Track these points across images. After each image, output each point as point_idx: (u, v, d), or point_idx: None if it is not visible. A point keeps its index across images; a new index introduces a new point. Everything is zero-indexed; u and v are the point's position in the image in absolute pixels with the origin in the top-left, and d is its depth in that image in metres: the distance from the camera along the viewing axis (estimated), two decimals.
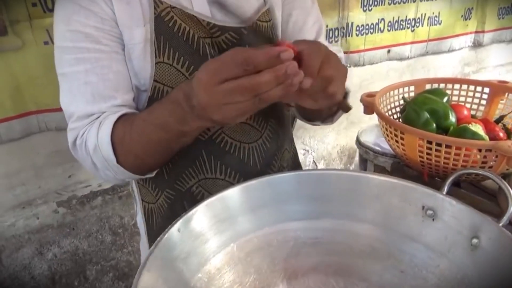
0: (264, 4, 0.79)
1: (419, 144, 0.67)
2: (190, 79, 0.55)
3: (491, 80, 0.86)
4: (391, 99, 0.86)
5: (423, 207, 0.57)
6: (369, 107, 0.76)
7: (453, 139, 0.62)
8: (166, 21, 0.69)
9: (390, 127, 0.71)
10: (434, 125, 0.72)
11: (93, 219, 1.44)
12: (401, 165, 0.80)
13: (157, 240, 0.48)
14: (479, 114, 0.87)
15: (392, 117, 0.83)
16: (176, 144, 0.65)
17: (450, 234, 0.54)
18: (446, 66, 2.34)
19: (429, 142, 0.66)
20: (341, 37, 1.76)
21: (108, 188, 1.43)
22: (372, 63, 1.94)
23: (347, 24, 1.76)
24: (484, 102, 0.86)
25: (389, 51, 1.96)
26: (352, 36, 1.79)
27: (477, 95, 0.87)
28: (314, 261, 0.60)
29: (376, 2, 1.81)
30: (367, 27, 1.84)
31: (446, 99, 0.81)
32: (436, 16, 2.06)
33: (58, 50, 0.70)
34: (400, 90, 0.86)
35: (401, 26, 1.95)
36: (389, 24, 1.90)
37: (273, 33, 0.81)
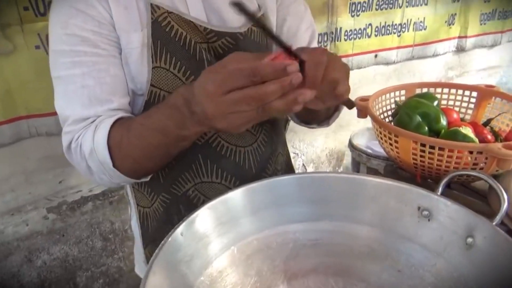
0: (259, 10, 0.81)
1: (412, 146, 0.69)
2: (189, 84, 0.56)
3: (479, 84, 0.88)
4: (383, 103, 0.87)
5: (419, 208, 0.58)
6: (363, 111, 0.77)
7: (446, 142, 0.64)
8: (163, 26, 0.70)
9: (384, 130, 0.73)
10: (426, 128, 0.74)
11: (84, 225, 1.42)
12: (394, 167, 0.81)
13: (161, 243, 0.48)
14: (467, 117, 0.90)
15: (384, 121, 0.85)
16: (174, 148, 0.65)
17: (446, 234, 0.56)
18: (431, 70, 2.39)
19: (422, 145, 0.67)
20: (330, 41, 1.79)
21: (98, 193, 1.42)
22: (360, 68, 1.97)
23: (336, 29, 1.79)
24: (472, 105, 0.89)
25: (376, 55, 2.00)
26: (340, 40, 1.82)
27: (465, 99, 0.89)
28: (313, 262, 0.61)
29: (363, 8, 1.84)
30: (355, 32, 1.87)
31: (436, 103, 0.83)
32: (421, 21, 2.11)
33: (54, 54, 0.70)
34: (391, 94, 0.88)
35: (388, 31, 1.99)
36: (376, 29, 1.94)
37: (267, 38, 0.82)
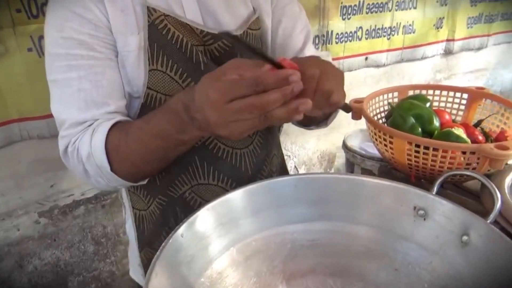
0: (254, 12, 0.81)
1: (407, 147, 0.70)
2: (189, 90, 0.56)
3: (470, 86, 0.90)
4: (376, 105, 0.89)
5: (415, 208, 0.59)
6: (358, 113, 0.79)
7: (440, 143, 0.65)
8: (159, 29, 0.70)
9: (379, 131, 0.74)
10: (420, 129, 0.75)
11: (75, 229, 1.41)
12: (388, 168, 0.83)
13: (162, 245, 0.48)
14: (459, 118, 0.92)
15: (379, 122, 0.86)
16: (173, 152, 0.65)
17: (441, 233, 0.57)
18: (419, 73, 2.43)
19: (417, 146, 0.69)
20: (322, 44, 1.80)
21: (91, 197, 1.41)
22: (350, 70, 1.99)
23: (327, 32, 1.81)
24: (463, 107, 0.91)
25: (366, 58, 2.02)
26: (332, 43, 1.84)
27: (456, 100, 0.91)
28: (312, 263, 0.62)
29: (354, 11, 1.86)
30: (346, 35, 1.89)
31: (428, 105, 0.85)
32: (410, 24, 2.14)
33: (50, 57, 0.69)
34: (384, 96, 0.90)
35: (378, 34, 2.02)
36: (367, 32, 1.96)
37: (262, 40, 0.83)
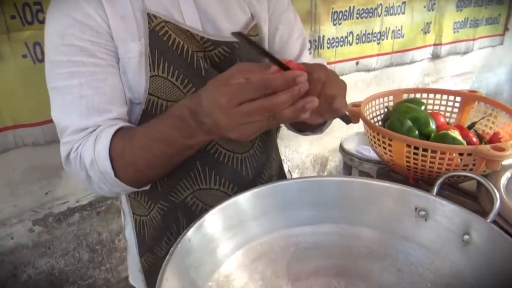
0: (252, 19, 0.82)
1: (406, 150, 0.71)
2: (194, 96, 0.57)
3: (462, 90, 0.93)
4: (372, 108, 0.90)
5: (416, 209, 0.61)
6: (356, 116, 0.80)
7: (438, 145, 0.67)
8: (160, 36, 0.70)
9: (377, 134, 0.75)
10: (417, 132, 0.77)
11: (70, 237, 1.40)
12: (386, 170, 0.84)
13: (171, 249, 0.49)
14: (452, 121, 0.94)
15: (377, 125, 0.87)
16: (179, 157, 0.65)
17: (443, 232, 0.58)
18: (408, 77, 2.47)
19: (415, 148, 0.70)
20: (314, 49, 1.82)
21: (85, 204, 1.40)
22: (342, 74, 2.02)
23: (319, 37, 1.83)
24: (456, 110, 0.93)
25: (357, 63, 2.05)
26: (323, 48, 1.87)
27: (450, 103, 0.93)
28: (316, 264, 0.63)
29: (345, 16, 1.89)
30: (337, 40, 1.92)
31: (423, 108, 0.86)
32: (399, 29, 2.19)
33: (51, 64, 0.69)
34: (380, 100, 0.91)
35: (368, 39, 2.05)
36: (357, 37, 2.00)
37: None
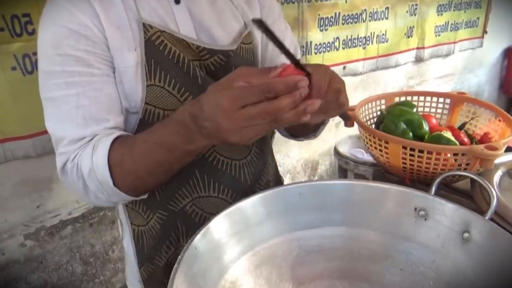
0: (245, 27, 0.83)
1: (402, 152, 0.73)
2: (195, 101, 0.57)
3: (452, 91, 0.95)
4: (366, 112, 0.92)
5: (416, 209, 0.62)
6: (351, 120, 0.81)
7: (434, 146, 0.69)
8: (156, 45, 0.70)
9: (373, 137, 0.77)
10: (411, 134, 0.79)
11: (63, 250, 1.37)
12: (381, 172, 0.85)
13: (179, 258, 0.49)
14: (443, 122, 0.96)
15: (372, 128, 0.89)
16: (179, 163, 0.65)
17: (442, 231, 0.59)
18: (393, 80, 2.52)
19: (411, 150, 0.72)
20: (302, 55, 1.84)
21: (78, 216, 1.38)
22: None
23: (307, 43, 1.85)
24: (446, 111, 0.95)
25: (344, 67, 2.08)
26: (311, 54, 1.89)
27: (440, 105, 0.96)
28: (319, 267, 0.63)
29: (331, 22, 1.92)
30: (324, 45, 1.94)
31: (415, 110, 0.88)
32: (383, 34, 2.23)
33: (45, 75, 0.68)
34: (373, 103, 0.93)
35: (354, 44, 2.09)
36: (343, 42, 2.03)
37: (254, 54, 0.85)
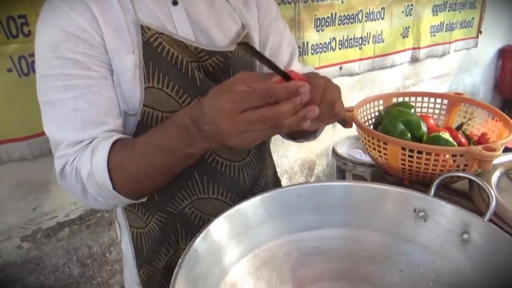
0: (243, 28, 0.83)
1: (401, 153, 0.73)
2: (196, 104, 0.57)
3: (449, 92, 0.96)
4: (364, 113, 0.92)
5: (415, 210, 0.62)
6: (350, 121, 0.81)
7: (433, 147, 0.69)
8: (154, 47, 0.70)
9: (372, 138, 0.77)
10: (409, 135, 0.79)
11: (60, 252, 1.36)
12: (380, 173, 0.86)
13: (179, 261, 0.49)
14: (440, 123, 0.96)
15: (371, 129, 0.89)
16: (179, 166, 0.65)
17: (442, 232, 0.60)
18: (389, 80, 2.52)
19: (410, 151, 0.72)
20: (298, 56, 1.84)
21: (75, 218, 1.37)
22: None
23: (303, 44, 1.86)
24: (443, 112, 0.96)
25: (341, 68, 2.09)
26: (308, 54, 1.89)
27: (437, 106, 0.96)
28: (319, 269, 0.64)
29: (327, 23, 1.93)
30: (321, 46, 1.94)
31: (413, 111, 0.89)
32: (379, 34, 2.24)
33: (43, 78, 0.68)
34: (371, 104, 0.93)
35: (350, 44, 2.09)
36: (340, 42, 2.03)
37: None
